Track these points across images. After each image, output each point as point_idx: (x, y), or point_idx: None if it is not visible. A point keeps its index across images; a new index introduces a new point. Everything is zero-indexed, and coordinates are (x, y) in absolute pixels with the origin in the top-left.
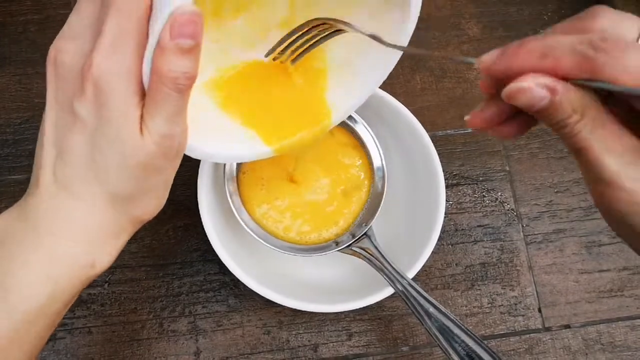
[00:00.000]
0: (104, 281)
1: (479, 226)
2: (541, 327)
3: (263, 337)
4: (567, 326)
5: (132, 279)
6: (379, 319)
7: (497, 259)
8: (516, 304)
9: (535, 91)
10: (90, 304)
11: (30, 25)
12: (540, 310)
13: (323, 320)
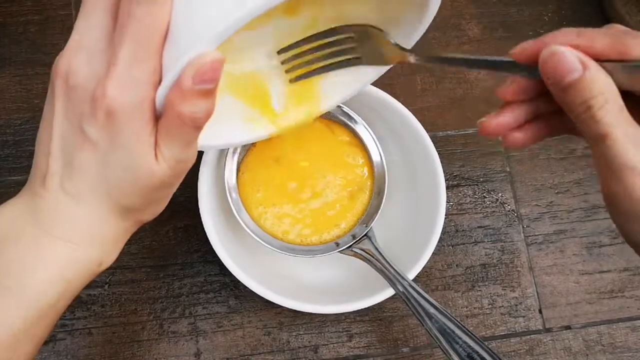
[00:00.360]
0: (104, 282)
1: (479, 227)
2: (542, 328)
3: (263, 338)
4: (567, 327)
5: (133, 280)
6: (380, 320)
7: (498, 260)
8: (517, 305)
9: (569, 58)
10: (90, 305)
11: (30, 25)
12: (540, 311)
13: (323, 322)
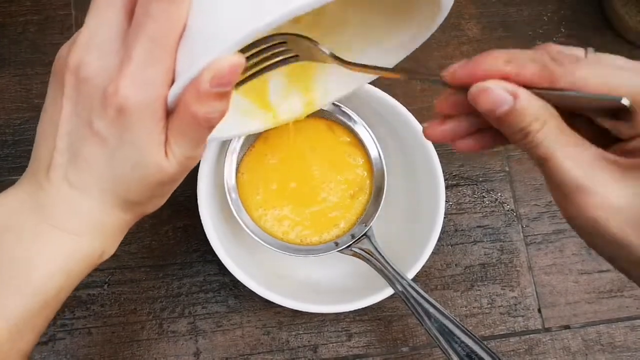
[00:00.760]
0: (104, 282)
1: (478, 227)
2: (541, 327)
3: (263, 337)
4: (566, 327)
5: (132, 279)
6: (379, 320)
7: (497, 260)
8: (516, 304)
9: (497, 92)
10: (90, 304)
11: (29, 26)
12: (540, 310)
13: (323, 321)
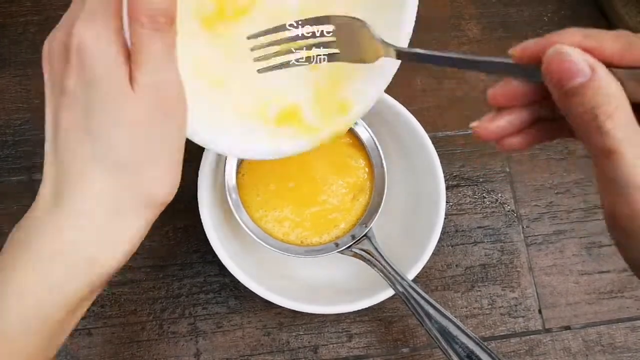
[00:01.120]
0: None
1: (479, 227)
2: (541, 328)
3: (263, 338)
4: (567, 327)
5: (132, 280)
6: (379, 321)
7: (498, 260)
8: (516, 305)
9: (576, 59)
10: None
11: (30, 26)
12: (540, 311)
13: (323, 322)
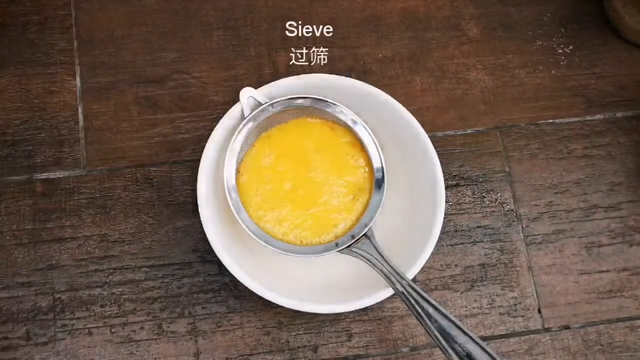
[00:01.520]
0: (104, 282)
1: (478, 227)
2: (541, 327)
3: (263, 338)
4: (566, 327)
5: (132, 280)
6: (379, 320)
7: (497, 260)
8: (516, 304)
9: None
10: (90, 305)
11: (30, 25)
12: (539, 311)
13: (323, 321)
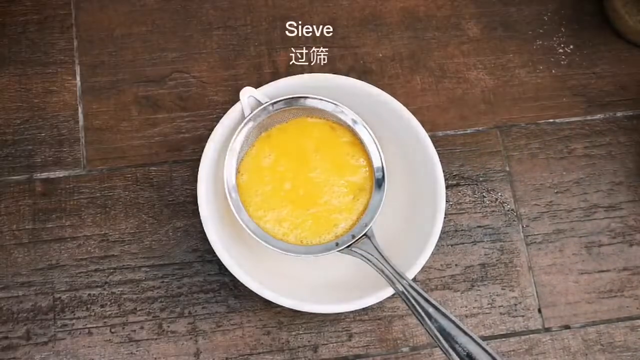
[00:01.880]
0: (104, 282)
1: (478, 227)
2: (541, 327)
3: (263, 337)
4: (567, 327)
5: (132, 280)
6: (379, 320)
7: (497, 260)
8: (516, 304)
9: None
10: (90, 304)
11: (30, 25)
12: (540, 310)
13: (323, 321)
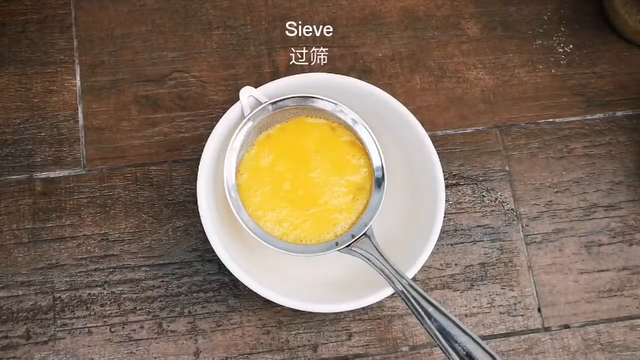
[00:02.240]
0: (104, 281)
1: (478, 226)
2: (540, 327)
3: (262, 337)
4: (566, 326)
5: (132, 279)
6: (379, 319)
7: (497, 259)
8: (515, 304)
9: None
10: (90, 304)
11: (29, 25)
12: (539, 310)
13: (323, 320)
